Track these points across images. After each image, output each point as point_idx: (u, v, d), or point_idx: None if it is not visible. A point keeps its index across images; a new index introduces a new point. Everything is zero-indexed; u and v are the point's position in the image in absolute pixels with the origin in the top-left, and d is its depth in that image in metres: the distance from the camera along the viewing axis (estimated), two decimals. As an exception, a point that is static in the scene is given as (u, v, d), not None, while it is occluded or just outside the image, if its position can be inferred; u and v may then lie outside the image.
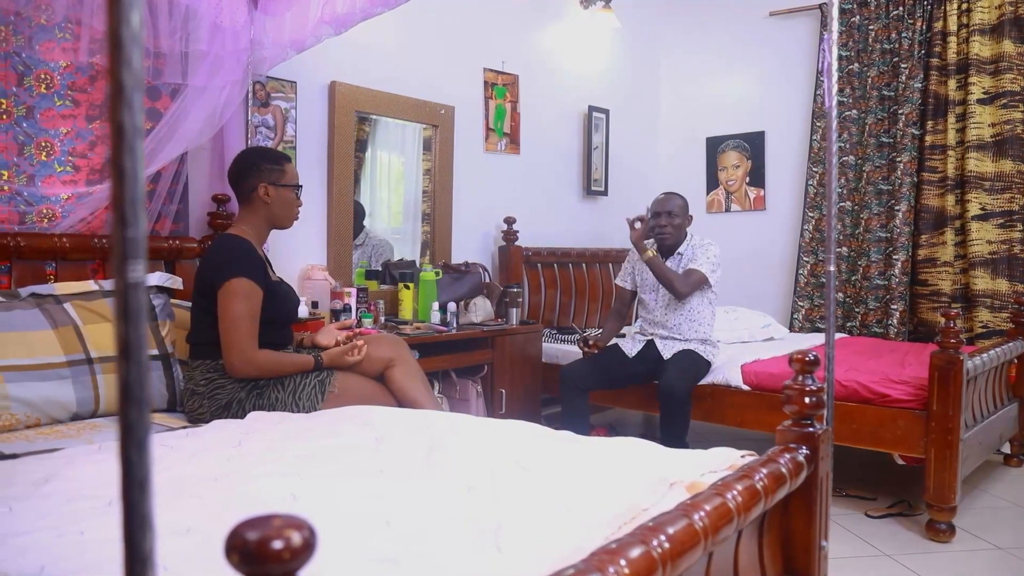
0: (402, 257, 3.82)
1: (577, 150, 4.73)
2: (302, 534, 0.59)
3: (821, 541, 1.68)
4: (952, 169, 4.18)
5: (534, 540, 1.19)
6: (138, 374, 0.54)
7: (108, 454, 1.75)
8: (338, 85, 3.36)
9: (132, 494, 0.55)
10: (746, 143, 5.05)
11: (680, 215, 3.32)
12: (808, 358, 1.67)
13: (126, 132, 0.53)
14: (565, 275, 4.39)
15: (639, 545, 1.07)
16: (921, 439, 2.81)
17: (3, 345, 2.06)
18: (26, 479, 1.53)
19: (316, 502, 1.39)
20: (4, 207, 2.41)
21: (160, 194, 2.76)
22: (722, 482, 1.38)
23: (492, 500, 1.39)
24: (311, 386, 2.32)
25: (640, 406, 3.58)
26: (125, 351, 0.53)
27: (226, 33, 2.79)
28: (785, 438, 1.67)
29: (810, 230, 4.66)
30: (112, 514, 1.33)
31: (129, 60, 0.53)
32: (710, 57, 5.19)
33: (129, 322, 0.53)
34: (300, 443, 1.82)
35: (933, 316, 4.19)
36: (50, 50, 2.50)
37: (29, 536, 1.21)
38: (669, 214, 3.30)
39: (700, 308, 3.31)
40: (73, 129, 2.57)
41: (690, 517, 1.20)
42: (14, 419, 2.04)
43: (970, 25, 4.13)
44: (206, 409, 2.26)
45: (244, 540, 0.58)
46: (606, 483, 1.48)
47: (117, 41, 0.52)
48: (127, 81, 0.53)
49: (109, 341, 2.28)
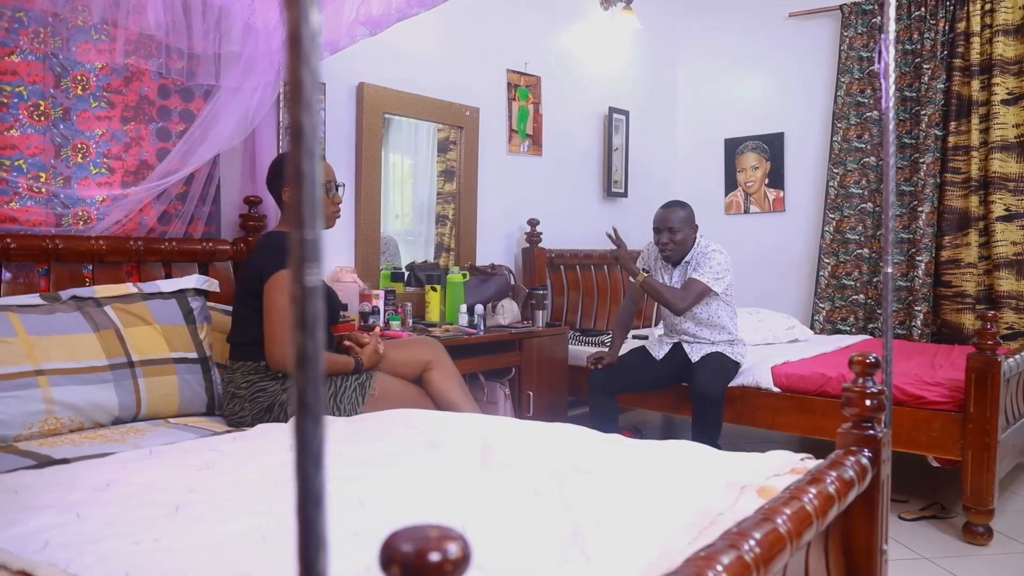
0: (413, 260, 3.79)
1: (598, 152, 4.72)
2: (458, 545, 0.57)
3: (883, 545, 1.67)
4: (976, 170, 4.16)
5: (618, 546, 1.17)
6: (314, 385, 0.52)
7: (159, 458, 1.73)
8: (366, 87, 3.35)
9: (308, 511, 0.53)
10: (765, 144, 5.03)
11: (682, 228, 3.19)
12: (869, 360, 1.65)
13: (305, 134, 0.51)
14: (587, 277, 4.38)
15: (731, 550, 1.06)
16: (957, 441, 2.80)
17: (47, 348, 2.05)
18: (85, 485, 1.52)
19: (384, 507, 1.38)
20: (42, 209, 2.40)
21: (193, 196, 2.75)
22: (796, 486, 1.36)
23: (562, 505, 1.38)
24: (351, 389, 2.31)
25: (668, 408, 3.56)
26: (301, 361, 0.52)
27: (259, 34, 2.78)
28: (846, 441, 1.65)
29: (831, 231, 4.65)
30: (181, 520, 1.31)
31: (308, 59, 0.51)
32: (729, 58, 5.18)
33: (306, 330, 0.52)
34: (352, 447, 1.80)
35: (957, 317, 4.17)
36: (86, 51, 2.48)
37: (106, 543, 1.20)
38: (670, 230, 3.19)
39: (718, 313, 3.26)
40: (108, 131, 2.56)
41: (773, 521, 1.18)
42: (59, 423, 2.02)
43: (993, 25, 4.12)
44: (247, 412, 2.25)
45: (401, 552, 0.57)
46: (674, 487, 1.47)
47: (296, 39, 0.51)
48: (306, 80, 0.51)
49: (149, 344, 2.27)
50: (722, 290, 3.19)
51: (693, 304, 3.14)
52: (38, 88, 2.38)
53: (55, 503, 1.39)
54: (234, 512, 1.36)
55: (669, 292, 3.14)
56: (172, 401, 2.27)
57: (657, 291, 3.14)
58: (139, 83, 2.63)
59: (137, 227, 2.62)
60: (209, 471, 1.64)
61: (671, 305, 3.13)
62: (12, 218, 2.33)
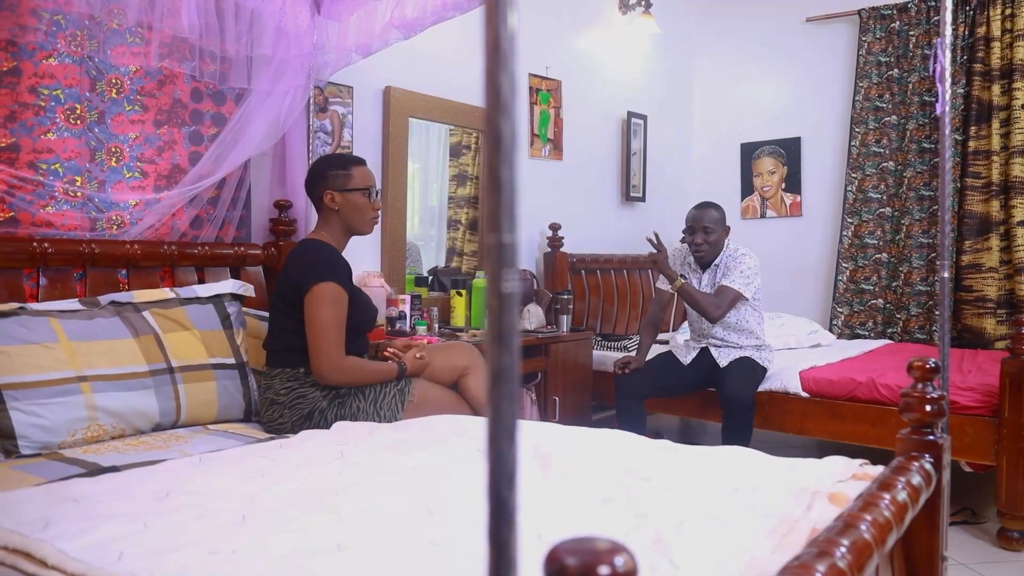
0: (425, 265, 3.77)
1: (616, 156, 4.71)
2: (625, 558, 0.56)
3: (943, 551, 1.66)
4: (996, 175, 4.17)
5: (705, 555, 1.16)
6: (510, 403, 0.50)
7: (210, 466, 1.71)
8: (392, 90, 3.34)
9: (501, 531, 0.51)
10: (782, 149, 5.03)
11: (716, 229, 3.18)
12: (929, 366, 1.64)
13: (504, 140, 0.50)
14: (608, 281, 4.37)
15: (824, 558, 1.05)
16: (991, 446, 2.79)
17: (88, 354, 2.03)
18: (144, 493, 1.50)
19: (453, 516, 1.36)
20: (77, 213, 2.38)
21: (224, 200, 2.73)
22: (869, 493, 1.35)
23: (636, 513, 1.36)
24: (391, 395, 2.29)
25: (695, 414, 3.55)
26: (498, 375, 0.50)
27: (290, 37, 2.76)
28: (906, 447, 1.64)
29: (849, 236, 4.64)
30: (251, 530, 1.30)
31: (507, 63, 0.50)
32: (746, 63, 5.18)
33: (502, 344, 0.50)
34: (404, 455, 1.79)
35: (978, 322, 4.17)
36: (121, 55, 2.47)
37: (183, 553, 1.18)
38: (705, 230, 3.17)
39: (746, 317, 3.26)
40: (141, 134, 2.54)
41: (857, 528, 1.17)
42: (101, 430, 2.00)
43: (1014, 30, 4.12)
44: (287, 419, 2.23)
45: (567, 566, 0.55)
46: (742, 494, 1.46)
47: (495, 44, 0.50)
48: (505, 85, 0.50)
49: (188, 350, 2.25)
50: (751, 294, 3.17)
51: (727, 311, 3.12)
52: (75, 91, 2.37)
53: (119, 512, 1.37)
54: (301, 521, 1.34)
55: (705, 299, 3.12)
56: (211, 407, 2.25)
57: (693, 298, 3.12)
58: (172, 86, 2.62)
59: (169, 231, 2.60)
60: (264, 479, 1.62)
61: (706, 312, 3.11)
62: (48, 222, 2.31)
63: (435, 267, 3.75)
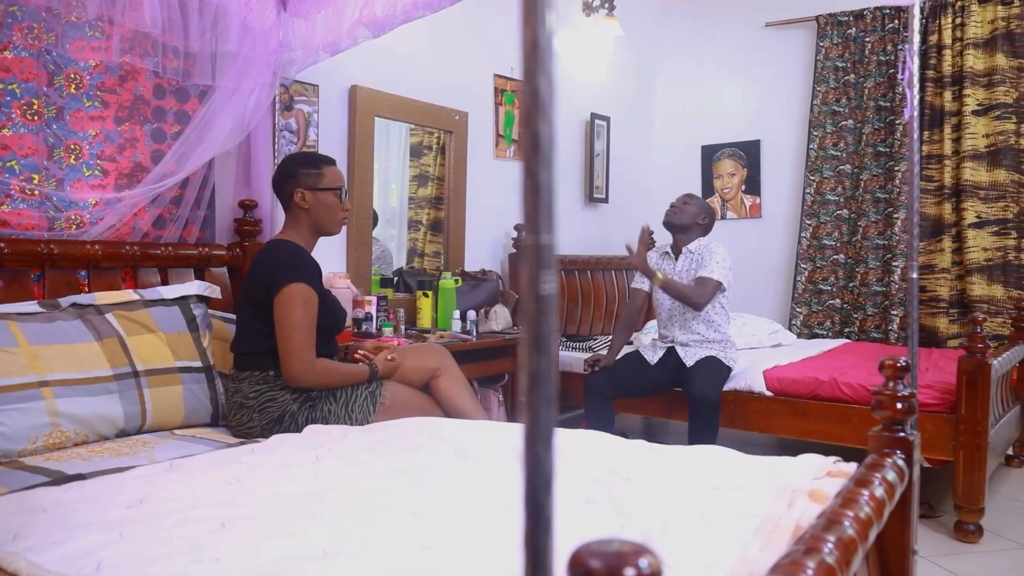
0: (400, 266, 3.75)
1: (580, 157, 4.73)
2: (649, 560, 0.56)
3: (913, 546, 1.70)
4: (948, 178, 4.29)
5: (695, 555, 1.17)
6: (548, 408, 0.50)
7: (183, 472, 1.67)
8: (359, 89, 3.30)
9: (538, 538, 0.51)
10: (742, 151, 5.11)
11: (693, 207, 3.34)
12: (899, 364, 1.68)
13: (543, 143, 0.49)
14: (571, 282, 4.38)
15: (813, 555, 1.07)
16: (949, 442, 2.87)
17: (50, 358, 1.96)
18: (117, 501, 1.45)
19: (438, 519, 1.35)
20: (34, 212, 2.30)
21: (188, 200, 2.67)
22: (847, 490, 1.38)
23: (620, 513, 1.37)
24: (363, 398, 2.26)
25: (661, 413, 3.58)
26: (535, 379, 0.49)
27: (255, 34, 2.71)
28: (879, 444, 1.67)
29: (807, 237, 4.74)
30: (232, 536, 1.27)
31: (546, 66, 0.49)
32: (707, 66, 5.25)
33: (540, 349, 0.49)
34: (380, 458, 1.77)
35: (932, 321, 4.29)
36: (80, 49, 2.39)
37: (166, 562, 1.15)
38: (684, 203, 3.35)
39: (717, 311, 3.31)
40: (102, 131, 2.47)
41: (841, 524, 1.19)
42: (64, 436, 1.94)
43: (964, 39, 4.25)
44: (256, 423, 2.19)
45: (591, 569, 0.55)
46: (724, 493, 1.47)
47: (534, 46, 0.49)
48: (543, 88, 0.49)
49: (154, 353, 2.19)
50: (728, 285, 3.26)
51: (711, 299, 3.20)
52: (31, 86, 2.29)
53: (93, 521, 1.33)
54: (283, 527, 1.32)
55: (689, 289, 3.19)
56: (177, 412, 2.20)
57: (678, 289, 3.18)
58: (134, 82, 2.55)
59: (131, 232, 2.53)
60: (240, 484, 1.58)
61: (692, 301, 3.17)
62: (4, 222, 2.23)
63: (400, 268, 3.72)
